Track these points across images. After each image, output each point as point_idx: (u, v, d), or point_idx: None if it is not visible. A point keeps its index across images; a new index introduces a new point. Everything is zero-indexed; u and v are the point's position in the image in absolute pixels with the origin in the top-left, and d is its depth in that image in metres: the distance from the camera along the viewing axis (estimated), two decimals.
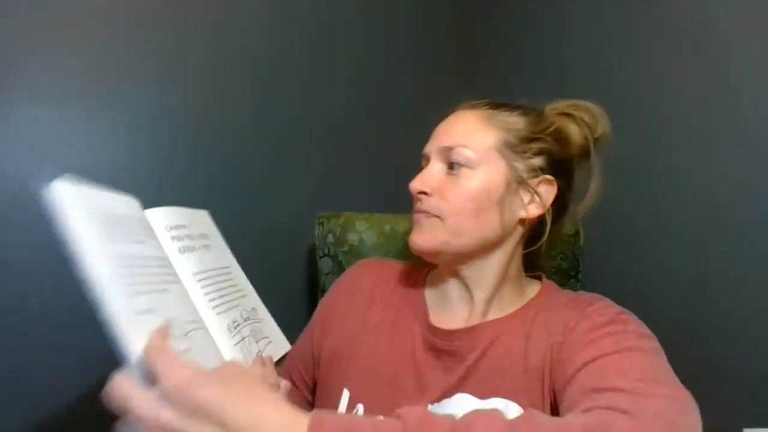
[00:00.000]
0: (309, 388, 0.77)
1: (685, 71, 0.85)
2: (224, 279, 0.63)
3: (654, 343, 0.55)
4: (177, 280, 0.54)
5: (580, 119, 0.68)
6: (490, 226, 0.64)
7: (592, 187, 0.68)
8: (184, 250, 0.58)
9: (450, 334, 0.65)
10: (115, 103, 0.90)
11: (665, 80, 0.88)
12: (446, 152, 0.65)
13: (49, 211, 0.41)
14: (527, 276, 0.71)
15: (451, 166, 0.65)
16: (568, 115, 0.68)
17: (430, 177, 0.66)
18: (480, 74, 1.28)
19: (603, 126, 0.68)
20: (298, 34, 1.07)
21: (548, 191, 0.65)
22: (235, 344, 0.57)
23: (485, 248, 0.65)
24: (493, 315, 0.66)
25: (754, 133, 0.77)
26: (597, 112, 0.68)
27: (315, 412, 0.40)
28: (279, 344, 0.68)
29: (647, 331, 0.57)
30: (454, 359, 0.63)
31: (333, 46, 1.12)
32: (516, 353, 0.61)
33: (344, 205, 1.03)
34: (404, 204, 1.02)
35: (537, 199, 0.65)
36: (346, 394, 0.66)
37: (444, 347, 0.65)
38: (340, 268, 0.97)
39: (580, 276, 0.94)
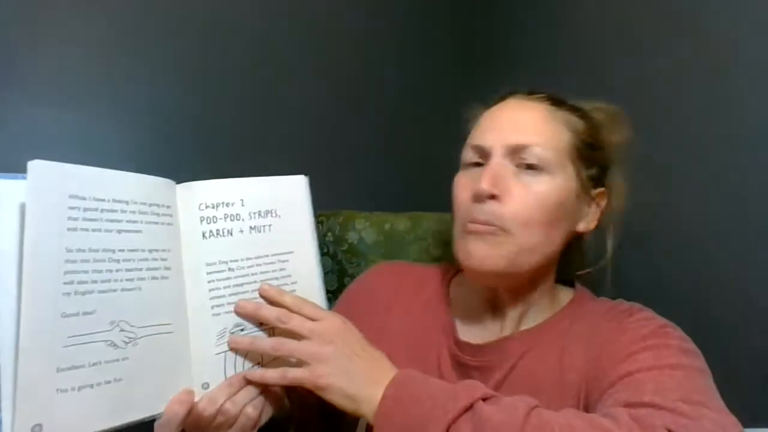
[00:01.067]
0: (312, 410, 0.69)
1: (687, 69, 0.85)
2: (262, 271, 0.54)
3: (699, 362, 0.50)
4: (167, 275, 0.49)
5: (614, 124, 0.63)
6: (555, 241, 0.57)
7: (616, 196, 0.64)
8: (211, 234, 0.52)
9: (479, 349, 0.60)
10: (115, 103, 0.90)
11: (666, 79, 0.88)
12: (517, 150, 0.56)
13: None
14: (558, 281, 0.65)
15: (525, 166, 0.56)
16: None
17: (499, 176, 0.56)
18: (480, 74, 1.27)
19: (625, 131, 0.64)
20: (298, 33, 1.07)
21: (601, 205, 0.61)
22: (218, 353, 0.51)
23: (544, 267, 0.59)
24: (525, 326, 0.61)
25: (755, 133, 0.76)
26: (619, 115, 0.64)
27: (403, 370, 0.49)
28: None
29: (692, 346, 0.52)
30: (484, 375, 0.58)
31: (333, 45, 1.12)
32: (551, 367, 0.56)
33: (344, 203, 1.03)
34: (404, 202, 1.03)
35: (595, 212, 0.60)
36: (363, 423, 0.60)
37: (473, 364, 0.59)
38: (339, 267, 0.97)
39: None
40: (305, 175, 1.06)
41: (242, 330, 0.53)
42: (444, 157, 0.65)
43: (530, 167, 0.56)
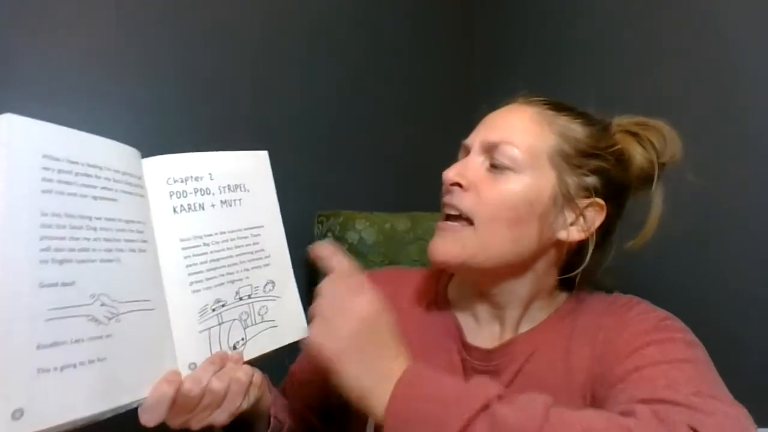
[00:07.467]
0: (313, 411, 0.70)
1: (688, 70, 0.85)
2: (236, 245, 0.53)
3: (703, 353, 0.51)
4: (145, 249, 0.46)
5: (647, 141, 0.61)
6: (525, 241, 0.57)
7: (652, 217, 0.61)
8: (182, 209, 0.50)
9: (487, 353, 0.60)
10: (115, 103, 0.90)
11: (666, 77, 0.88)
12: (490, 148, 0.57)
13: None
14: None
15: (494, 165, 0.57)
16: (633, 134, 0.62)
17: (468, 169, 0.58)
18: (481, 74, 1.27)
19: (673, 150, 0.61)
20: (298, 32, 1.07)
21: (596, 216, 0.58)
22: (202, 330, 0.49)
23: (515, 267, 0.58)
24: (525, 326, 0.61)
25: (755, 133, 0.76)
26: (668, 133, 0.61)
27: (412, 366, 0.46)
28: (288, 329, 0.56)
29: (694, 338, 0.53)
30: (492, 379, 0.57)
31: (332, 44, 1.12)
32: (557, 369, 0.56)
33: (344, 203, 1.03)
34: (404, 202, 1.02)
35: (582, 222, 0.57)
36: (372, 423, 0.59)
37: (482, 368, 0.60)
38: None
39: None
40: (307, 173, 1.06)
41: (223, 306, 0.51)
42: (444, 157, 0.65)
43: (501, 165, 0.57)
